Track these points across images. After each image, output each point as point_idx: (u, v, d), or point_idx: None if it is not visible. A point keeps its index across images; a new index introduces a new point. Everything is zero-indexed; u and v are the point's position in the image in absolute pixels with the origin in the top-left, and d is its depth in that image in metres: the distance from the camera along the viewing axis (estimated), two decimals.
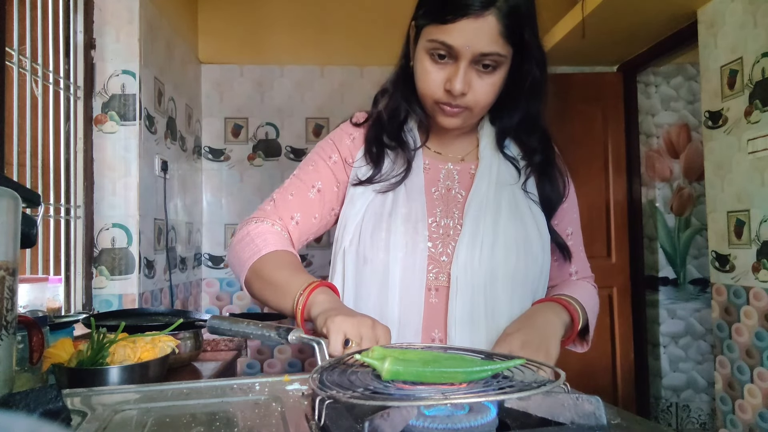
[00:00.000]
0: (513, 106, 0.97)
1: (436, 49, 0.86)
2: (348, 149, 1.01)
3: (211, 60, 3.14)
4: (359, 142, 1.02)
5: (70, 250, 2.00)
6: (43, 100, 1.86)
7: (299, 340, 0.71)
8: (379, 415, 0.46)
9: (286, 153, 3.19)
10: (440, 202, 0.96)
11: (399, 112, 0.99)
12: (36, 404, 0.53)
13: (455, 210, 0.95)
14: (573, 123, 3.01)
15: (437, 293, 0.91)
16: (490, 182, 0.95)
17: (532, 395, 0.50)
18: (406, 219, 0.92)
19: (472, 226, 0.91)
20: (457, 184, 0.97)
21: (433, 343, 0.89)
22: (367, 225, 0.94)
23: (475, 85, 0.87)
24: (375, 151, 0.98)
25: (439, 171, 0.98)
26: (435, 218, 0.94)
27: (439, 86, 0.88)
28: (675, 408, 3.19)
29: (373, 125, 1.01)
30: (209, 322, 0.79)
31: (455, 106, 0.89)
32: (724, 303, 2.30)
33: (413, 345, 0.75)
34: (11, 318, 0.71)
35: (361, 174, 0.98)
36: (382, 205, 0.94)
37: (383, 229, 0.92)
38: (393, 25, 1.09)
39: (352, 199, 0.97)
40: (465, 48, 0.84)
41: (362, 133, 1.02)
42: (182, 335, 1.42)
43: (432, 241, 0.92)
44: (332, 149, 1.02)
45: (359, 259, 0.93)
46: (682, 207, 3.27)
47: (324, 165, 1.01)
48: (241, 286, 0.96)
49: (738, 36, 2.21)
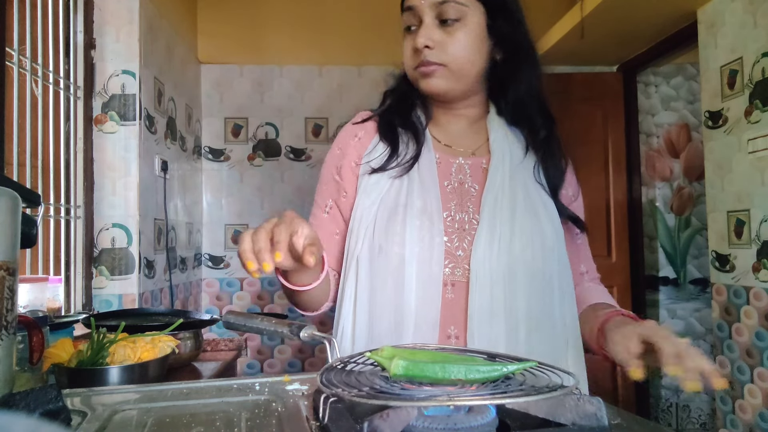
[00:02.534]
0: (507, 80, 0.98)
1: (406, 19, 0.93)
2: (355, 150, 1.00)
3: (210, 60, 3.15)
4: (366, 139, 1.01)
5: (70, 250, 2.00)
6: (43, 100, 1.86)
7: (311, 337, 0.71)
8: (378, 415, 0.46)
9: (285, 153, 3.19)
10: (454, 196, 0.95)
11: (406, 98, 1.02)
12: (36, 404, 0.53)
13: (469, 204, 0.94)
14: (573, 123, 3.01)
15: (453, 288, 0.90)
16: (504, 176, 0.95)
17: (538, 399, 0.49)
18: (422, 212, 0.91)
19: (489, 221, 0.91)
20: (470, 178, 0.97)
21: (449, 339, 0.89)
22: (381, 216, 0.92)
23: (442, 39, 0.91)
24: (389, 134, 0.99)
25: (450, 165, 0.98)
26: (450, 212, 0.93)
27: (412, 52, 0.93)
28: (675, 408, 3.19)
29: (385, 113, 1.03)
30: (224, 317, 0.81)
31: (427, 63, 0.92)
32: (724, 303, 2.30)
33: (427, 346, 0.74)
34: (11, 318, 0.71)
35: (375, 163, 0.97)
36: (396, 197, 0.93)
37: (398, 222, 0.90)
38: (391, 25, 1.10)
39: (366, 190, 0.96)
40: (421, 2, 0.90)
41: (369, 129, 1.02)
42: (182, 335, 1.42)
43: (447, 236, 0.91)
44: (339, 158, 1.01)
45: (374, 251, 0.92)
46: (682, 207, 3.27)
47: (331, 179, 1.02)
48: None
49: (738, 36, 2.21)
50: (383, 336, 0.89)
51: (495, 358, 0.65)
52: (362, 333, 0.91)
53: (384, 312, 0.90)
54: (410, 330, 0.87)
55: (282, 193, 3.18)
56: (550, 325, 0.91)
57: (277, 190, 3.18)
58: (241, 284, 3.15)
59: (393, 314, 0.89)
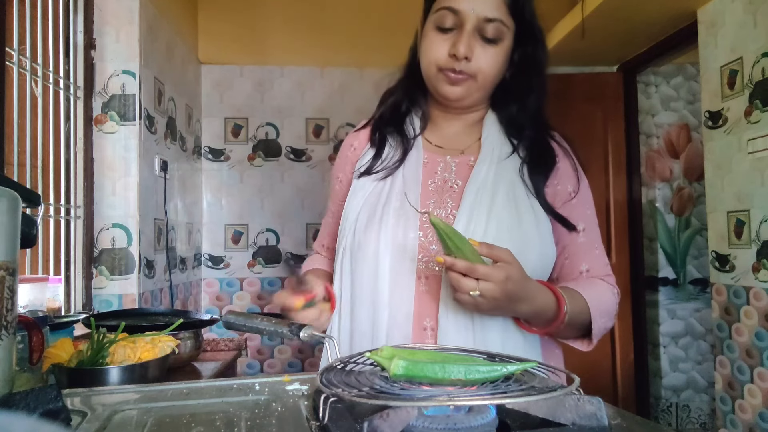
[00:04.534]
0: (516, 94, 1.00)
1: (443, 18, 0.92)
2: (350, 161, 1.08)
3: (211, 60, 3.14)
4: (360, 147, 1.07)
5: (70, 250, 2.00)
6: (43, 100, 1.86)
7: (311, 337, 0.72)
8: (378, 415, 0.46)
9: (286, 153, 3.19)
10: (434, 194, 0.97)
11: (400, 105, 1.05)
12: (36, 404, 0.53)
13: (449, 200, 0.96)
14: (573, 123, 2.98)
15: (427, 281, 0.91)
16: (489, 170, 0.96)
17: (539, 399, 0.49)
18: (398, 210, 0.94)
19: (467, 214, 0.92)
20: (454, 175, 0.98)
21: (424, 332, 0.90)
22: (362, 216, 0.97)
23: (479, 53, 0.92)
24: (378, 138, 1.04)
25: (437, 164, 1.00)
26: (427, 209, 0.95)
27: (443, 53, 0.93)
28: (675, 408, 3.19)
29: (378, 119, 1.07)
30: (225, 317, 0.82)
31: (459, 72, 0.93)
32: (724, 303, 2.30)
33: (426, 346, 0.74)
34: (11, 318, 0.71)
35: (363, 166, 1.03)
36: (377, 197, 0.98)
37: (376, 221, 0.94)
38: (393, 26, 1.11)
39: (354, 191, 1.02)
40: (470, 12, 0.90)
41: (362, 137, 1.08)
42: (182, 335, 1.42)
43: (422, 231, 0.93)
44: (340, 169, 1.10)
45: (354, 248, 0.96)
46: (682, 207, 3.27)
47: (335, 190, 1.11)
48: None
49: (738, 36, 2.21)
50: (362, 327, 0.93)
51: (495, 358, 0.65)
52: (345, 326, 0.96)
53: (362, 305, 0.93)
54: (384, 322, 0.90)
55: (282, 193, 3.18)
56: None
57: (277, 190, 3.18)
58: (241, 284, 3.15)
59: (370, 307, 0.92)
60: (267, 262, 3.16)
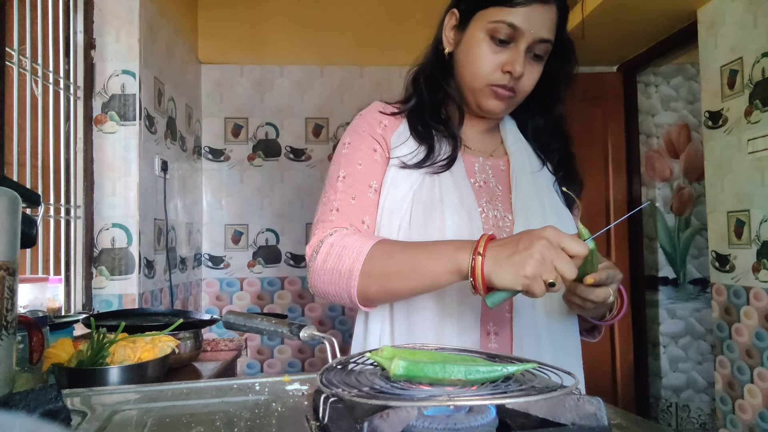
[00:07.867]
0: (542, 105, 1.02)
1: (499, 30, 0.89)
2: (382, 137, 0.98)
3: (211, 60, 3.14)
4: (391, 128, 0.99)
5: (70, 250, 2.00)
6: (43, 100, 1.86)
7: (311, 337, 0.71)
8: (378, 415, 0.46)
9: (286, 153, 3.19)
10: (484, 193, 0.96)
11: (438, 92, 1.00)
12: (36, 404, 0.53)
13: (499, 203, 0.96)
14: (573, 123, 2.97)
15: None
16: (528, 179, 0.98)
17: (539, 400, 0.49)
18: (459, 207, 0.91)
19: (524, 218, 0.92)
20: (493, 178, 0.99)
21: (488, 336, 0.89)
22: (417, 211, 0.91)
23: (525, 71, 0.92)
24: (423, 131, 0.97)
25: (473, 164, 1.00)
26: (482, 208, 0.94)
27: (497, 69, 0.92)
28: (675, 408, 3.19)
29: (416, 107, 1.01)
30: (225, 317, 0.81)
31: (510, 89, 0.93)
32: (724, 303, 2.30)
33: (426, 345, 0.74)
34: (11, 318, 0.71)
35: (408, 159, 0.95)
36: (430, 192, 0.92)
37: (437, 218, 0.90)
38: (393, 25, 1.10)
39: (396, 183, 0.94)
40: (529, 32, 0.89)
41: (392, 120, 1.00)
42: (182, 335, 1.42)
43: (485, 231, 0.91)
44: (371, 141, 0.97)
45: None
46: (682, 207, 3.27)
47: (372, 161, 0.96)
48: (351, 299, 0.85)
49: (738, 36, 2.21)
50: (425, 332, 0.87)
51: (495, 358, 0.65)
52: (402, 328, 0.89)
53: (426, 307, 0.88)
54: (453, 326, 0.86)
55: (282, 193, 3.18)
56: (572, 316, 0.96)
57: (277, 190, 3.18)
58: (241, 284, 3.15)
59: (435, 310, 0.88)
60: (267, 262, 3.16)
